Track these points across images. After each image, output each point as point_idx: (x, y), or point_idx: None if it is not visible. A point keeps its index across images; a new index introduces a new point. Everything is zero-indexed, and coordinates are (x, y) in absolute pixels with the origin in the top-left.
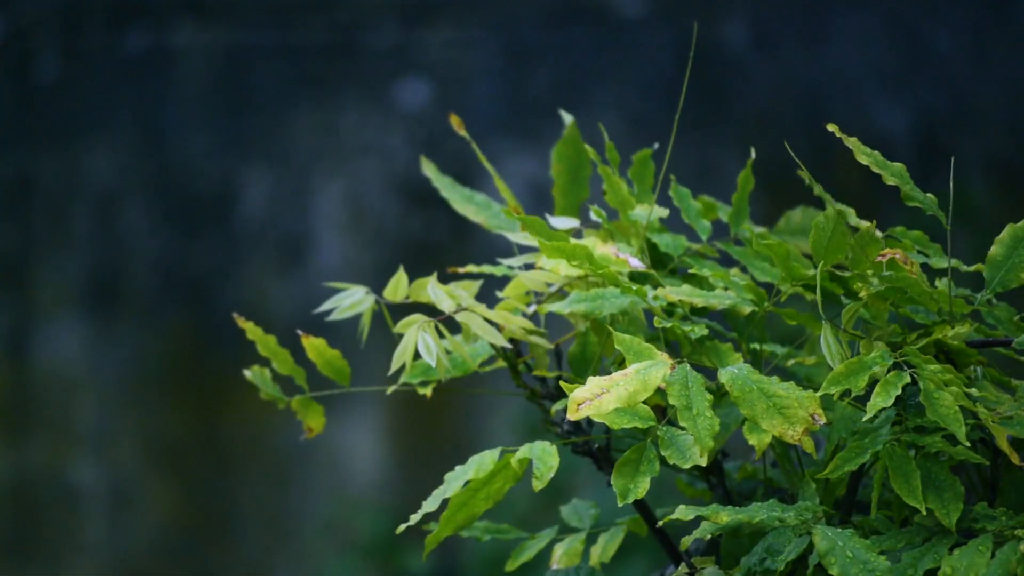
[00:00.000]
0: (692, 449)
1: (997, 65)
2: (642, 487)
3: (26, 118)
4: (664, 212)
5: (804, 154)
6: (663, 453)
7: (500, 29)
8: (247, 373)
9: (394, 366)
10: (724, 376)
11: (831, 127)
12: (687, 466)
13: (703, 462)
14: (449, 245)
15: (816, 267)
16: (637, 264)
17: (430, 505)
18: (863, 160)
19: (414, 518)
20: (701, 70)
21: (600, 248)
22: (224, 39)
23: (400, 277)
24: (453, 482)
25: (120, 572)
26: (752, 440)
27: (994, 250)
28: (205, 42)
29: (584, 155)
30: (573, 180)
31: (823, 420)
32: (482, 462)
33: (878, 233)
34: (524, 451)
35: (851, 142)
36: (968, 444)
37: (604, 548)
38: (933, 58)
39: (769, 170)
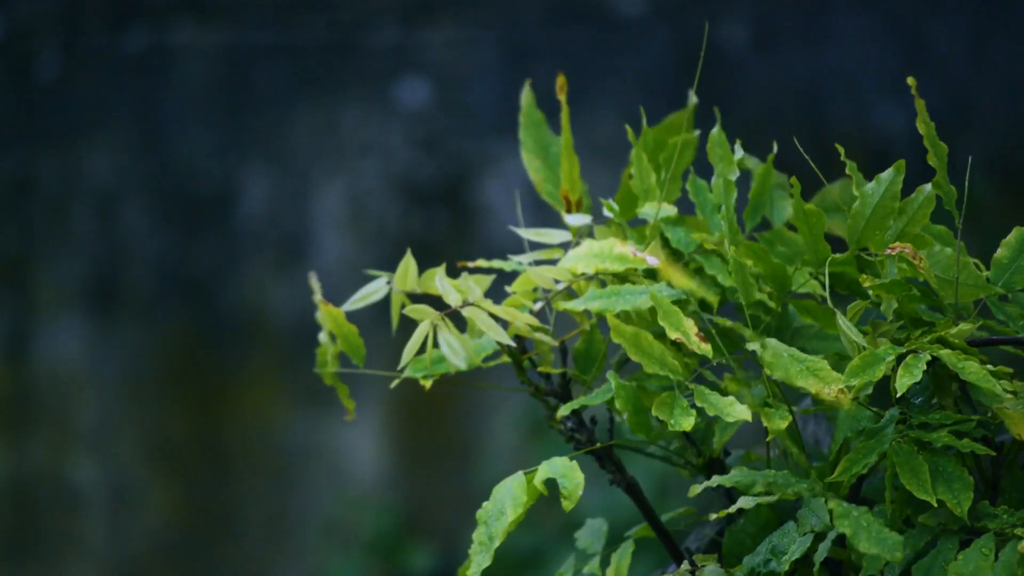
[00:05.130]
0: (732, 407)
1: (997, 65)
2: (685, 423)
3: (26, 118)
4: (672, 210)
5: (805, 154)
6: (699, 404)
7: (500, 29)
8: (321, 337)
9: (405, 359)
10: (753, 344)
11: (910, 80)
12: (731, 420)
13: (748, 417)
14: (449, 244)
15: (848, 249)
16: (654, 262)
17: (484, 560)
18: (922, 128)
19: (472, 575)
20: (701, 70)
21: (618, 247)
22: (224, 39)
23: (408, 261)
24: (495, 525)
25: (120, 572)
26: (768, 423)
27: (1000, 252)
28: (205, 42)
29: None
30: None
31: (852, 393)
32: (515, 497)
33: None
34: (544, 471)
35: (919, 104)
36: (1008, 396)
37: (617, 567)
38: (933, 58)
39: None
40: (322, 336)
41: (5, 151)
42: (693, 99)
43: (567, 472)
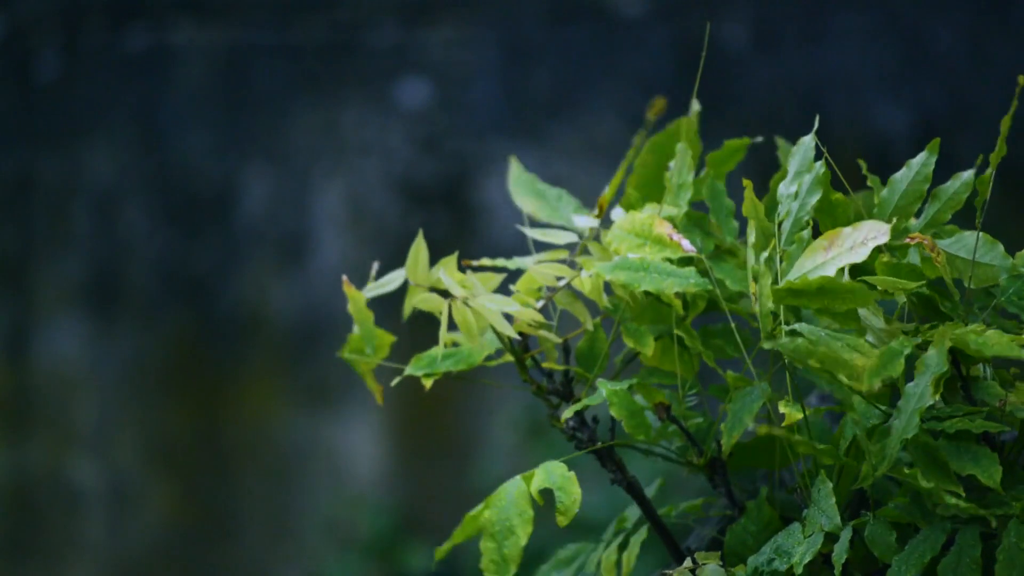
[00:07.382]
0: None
1: (997, 65)
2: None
3: (26, 118)
4: (673, 211)
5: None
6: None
7: (500, 28)
8: (356, 330)
9: (441, 342)
10: (768, 343)
11: (1021, 79)
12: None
13: None
14: (450, 244)
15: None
16: (690, 248)
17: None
18: (1003, 126)
19: None
20: (701, 70)
21: (658, 227)
22: (224, 38)
23: (419, 246)
24: (507, 544)
25: (120, 572)
26: (784, 408)
27: (1013, 262)
28: (205, 41)
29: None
30: (656, 179)
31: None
32: (521, 512)
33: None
34: (541, 478)
35: (1015, 104)
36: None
37: (628, 559)
38: (933, 58)
39: (769, 170)
40: (357, 328)
41: (5, 151)
42: (696, 106)
43: (565, 484)
